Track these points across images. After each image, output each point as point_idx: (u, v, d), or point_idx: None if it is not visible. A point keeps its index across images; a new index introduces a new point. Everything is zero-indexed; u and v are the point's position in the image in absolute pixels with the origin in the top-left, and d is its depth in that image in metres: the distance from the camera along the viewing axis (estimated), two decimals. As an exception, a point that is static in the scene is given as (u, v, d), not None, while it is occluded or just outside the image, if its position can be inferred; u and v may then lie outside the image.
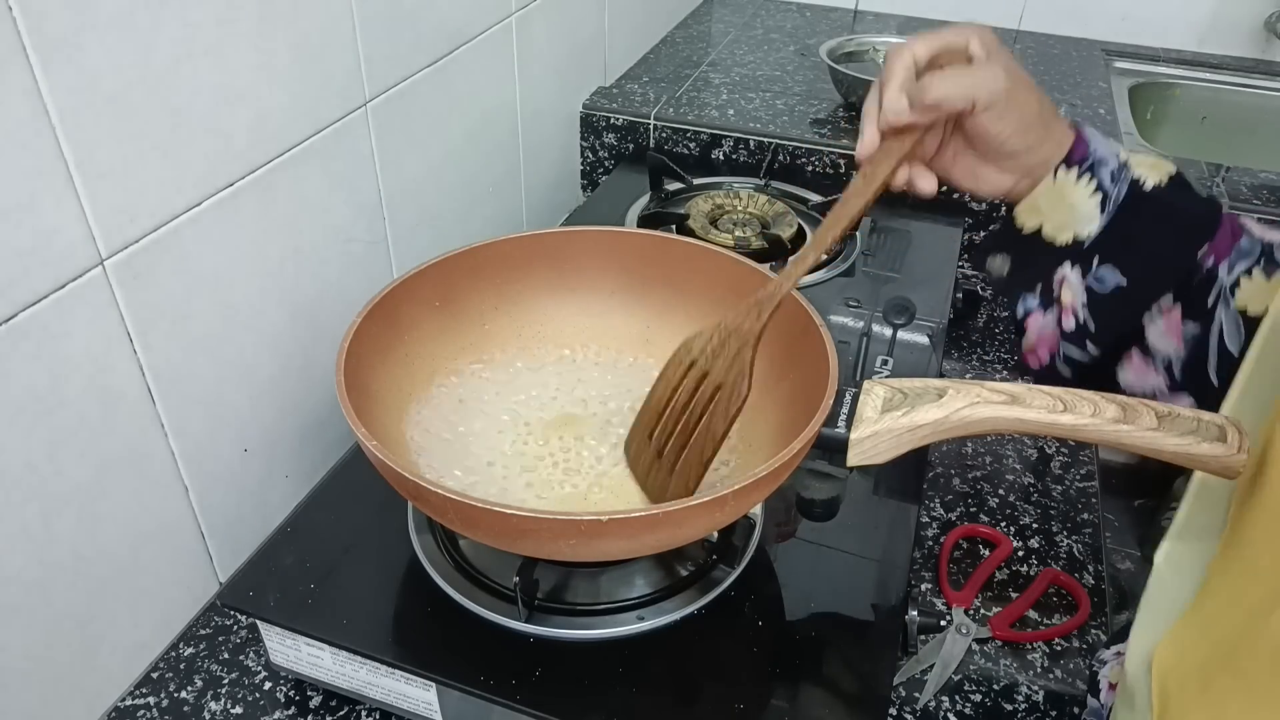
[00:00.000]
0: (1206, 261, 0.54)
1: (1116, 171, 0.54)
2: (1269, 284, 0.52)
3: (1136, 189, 0.54)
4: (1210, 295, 0.53)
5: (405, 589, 0.58)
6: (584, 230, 0.70)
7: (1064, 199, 0.54)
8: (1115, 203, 0.54)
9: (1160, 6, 1.43)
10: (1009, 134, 0.53)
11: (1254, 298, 0.52)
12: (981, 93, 0.51)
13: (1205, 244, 0.53)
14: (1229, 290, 0.53)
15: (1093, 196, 0.54)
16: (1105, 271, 0.55)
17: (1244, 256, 0.53)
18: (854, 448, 0.49)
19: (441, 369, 0.66)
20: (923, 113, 0.51)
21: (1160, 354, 0.55)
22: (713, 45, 1.38)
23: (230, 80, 0.57)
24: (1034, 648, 0.63)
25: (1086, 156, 0.54)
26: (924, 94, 0.50)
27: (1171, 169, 0.55)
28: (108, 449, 0.54)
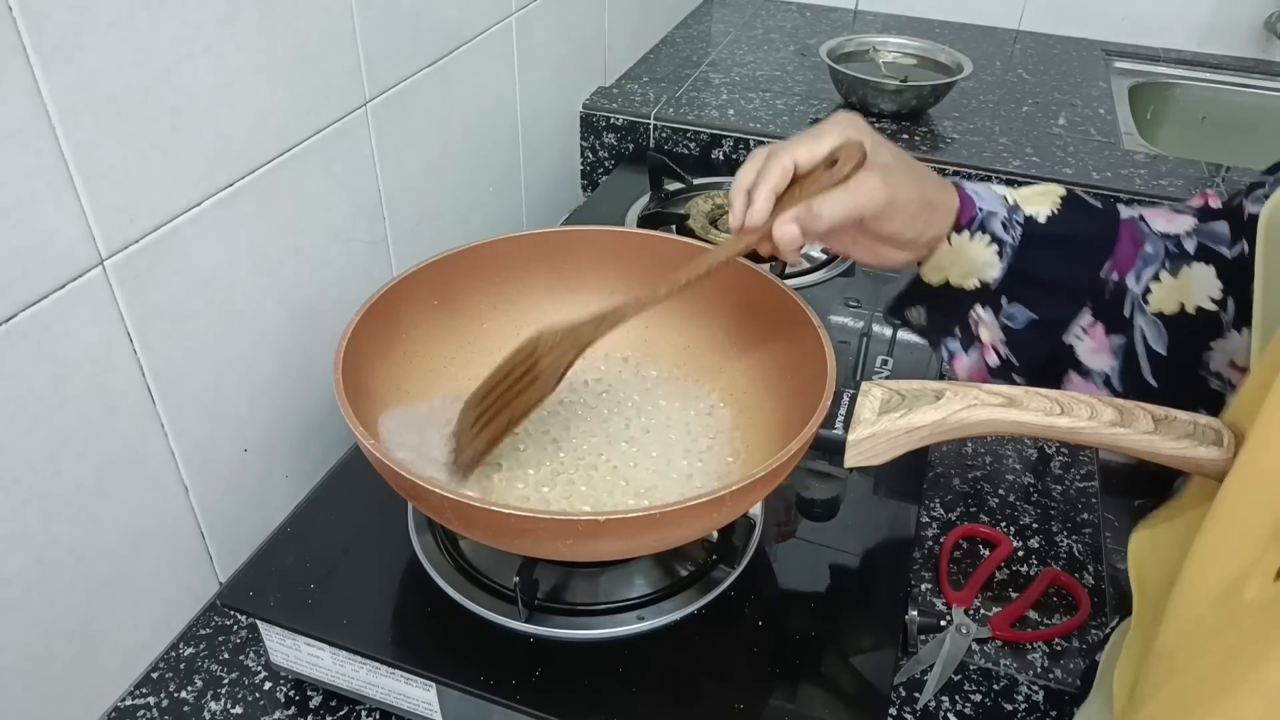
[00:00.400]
0: (1112, 277, 0.56)
1: (1008, 218, 0.56)
2: (1177, 281, 0.54)
3: (1032, 226, 0.56)
4: (1125, 307, 0.56)
5: (405, 589, 0.58)
6: (584, 230, 0.70)
7: (962, 255, 0.56)
8: (1011, 247, 0.56)
9: (1160, 6, 1.43)
10: (898, 229, 0.54)
11: (1165, 300, 0.55)
12: (866, 209, 0.52)
13: (1106, 262, 0.55)
14: (1141, 299, 0.55)
15: (989, 248, 0.56)
16: (1015, 309, 0.57)
17: (1149, 263, 0.55)
18: (851, 449, 0.49)
19: (440, 367, 0.66)
20: (813, 239, 0.53)
21: (1097, 371, 0.57)
22: (713, 45, 1.38)
23: (230, 80, 0.57)
24: (1034, 648, 0.63)
25: (975, 216, 0.56)
26: (816, 224, 0.51)
27: (1061, 192, 0.57)
28: (108, 449, 0.55)
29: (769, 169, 0.53)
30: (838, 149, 0.52)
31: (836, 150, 0.52)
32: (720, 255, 0.54)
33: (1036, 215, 0.56)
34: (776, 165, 0.53)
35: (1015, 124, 1.17)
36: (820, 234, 0.52)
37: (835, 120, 0.54)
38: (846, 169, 0.52)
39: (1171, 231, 0.56)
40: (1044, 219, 0.56)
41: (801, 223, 0.51)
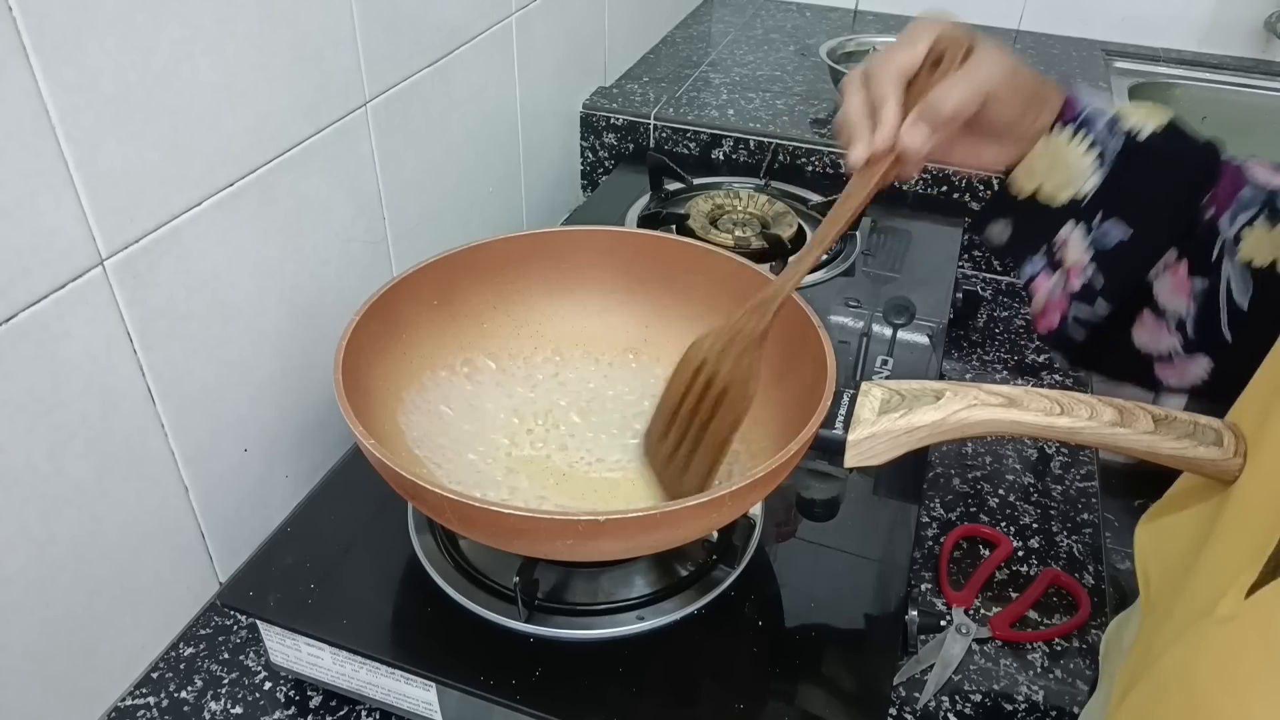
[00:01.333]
0: (1207, 213, 0.52)
1: (1109, 124, 0.53)
2: (1272, 234, 0.50)
3: (1131, 140, 0.53)
4: (1214, 249, 0.52)
5: (405, 589, 0.58)
6: (584, 230, 0.70)
7: (1059, 158, 0.54)
8: (1111, 156, 0.53)
9: (1160, 6, 1.43)
10: (1014, 116, 0.52)
11: (1258, 249, 0.51)
12: (991, 85, 0.50)
13: (1206, 193, 0.52)
14: (1232, 243, 0.51)
15: (1088, 153, 0.53)
16: (1109, 226, 0.53)
17: (1245, 207, 0.51)
18: (851, 449, 0.49)
19: (440, 366, 0.66)
20: (944, 130, 0.50)
21: (1171, 313, 0.54)
22: (713, 45, 1.38)
23: (230, 80, 0.57)
24: (1034, 648, 0.63)
25: (1078, 114, 0.53)
26: (939, 111, 0.49)
27: (1167, 115, 0.54)
28: (108, 449, 0.55)
29: (882, 87, 0.50)
30: (938, 43, 0.50)
31: (938, 45, 0.50)
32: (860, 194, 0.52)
33: (1138, 131, 0.53)
34: (889, 81, 0.50)
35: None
36: (948, 121, 0.49)
37: (923, 19, 0.51)
38: (957, 59, 0.50)
39: (1274, 185, 0.52)
40: (1145, 136, 0.53)
41: (926, 118, 0.49)
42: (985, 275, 1.06)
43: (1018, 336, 0.95)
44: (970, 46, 0.51)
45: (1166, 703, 0.35)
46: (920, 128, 0.50)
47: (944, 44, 0.51)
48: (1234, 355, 0.50)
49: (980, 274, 1.06)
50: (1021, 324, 0.97)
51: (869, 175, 0.52)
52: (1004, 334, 0.96)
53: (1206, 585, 0.36)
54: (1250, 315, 0.51)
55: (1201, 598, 0.36)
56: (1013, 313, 0.99)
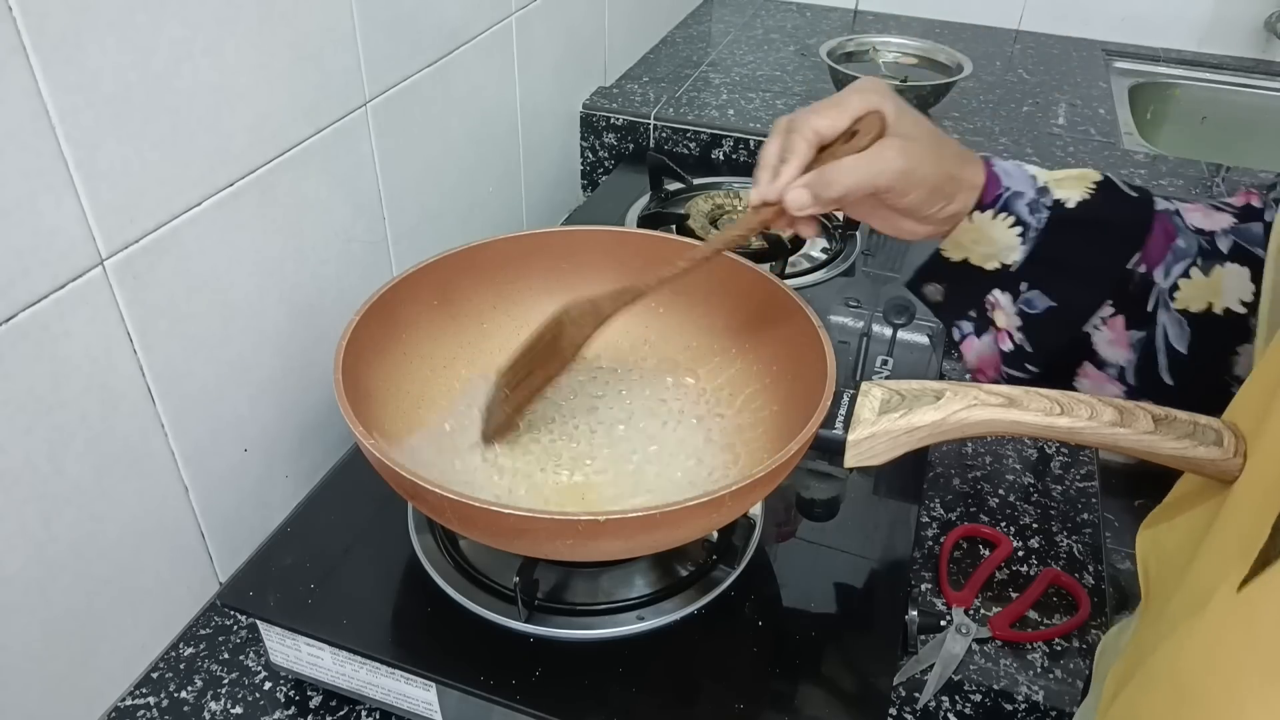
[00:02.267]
0: (1139, 269, 0.54)
1: (1034, 201, 0.54)
2: (1208, 280, 0.52)
3: (1059, 210, 0.54)
4: (1149, 301, 0.54)
5: (405, 589, 0.58)
6: (583, 230, 0.70)
7: (984, 235, 0.55)
8: (1036, 230, 0.54)
9: (1160, 6, 1.43)
10: (915, 203, 0.53)
11: (1194, 297, 0.53)
12: (881, 180, 0.51)
13: (1135, 253, 0.54)
14: (1168, 294, 0.53)
15: (1012, 229, 0.55)
16: (1034, 295, 0.55)
17: (1181, 258, 0.53)
18: (851, 449, 0.49)
19: (439, 372, 0.66)
20: (825, 206, 0.52)
21: (1112, 364, 0.56)
22: (713, 45, 1.38)
23: (230, 80, 0.57)
24: (1034, 648, 0.63)
25: (1000, 195, 0.54)
26: (827, 191, 0.51)
27: (1096, 177, 0.55)
28: (108, 449, 0.55)
29: (795, 145, 0.52)
30: (859, 120, 0.52)
31: (858, 121, 0.52)
32: (741, 229, 0.55)
33: (1066, 200, 0.54)
34: (801, 141, 0.52)
35: (1015, 124, 1.17)
36: (832, 201, 0.51)
37: (859, 87, 0.53)
38: (865, 141, 0.51)
39: (1207, 228, 0.54)
40: (1074, 204, 0.54)
41: (813, 189, 0.51)
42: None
43: (1018, 336, 0.95)
44: (882, 132, 0.52)
45: (1155, 696, 0.35)
46: (804, 192, 0.51)
47: (865, 123, 0.52)
48: (1177, 398, 0.52)
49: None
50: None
51: (755, 216, 0.54)
52: (1004, 334, 0.96)
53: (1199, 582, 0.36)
54: (1190, 359, 0.53)
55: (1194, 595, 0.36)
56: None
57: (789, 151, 0.52)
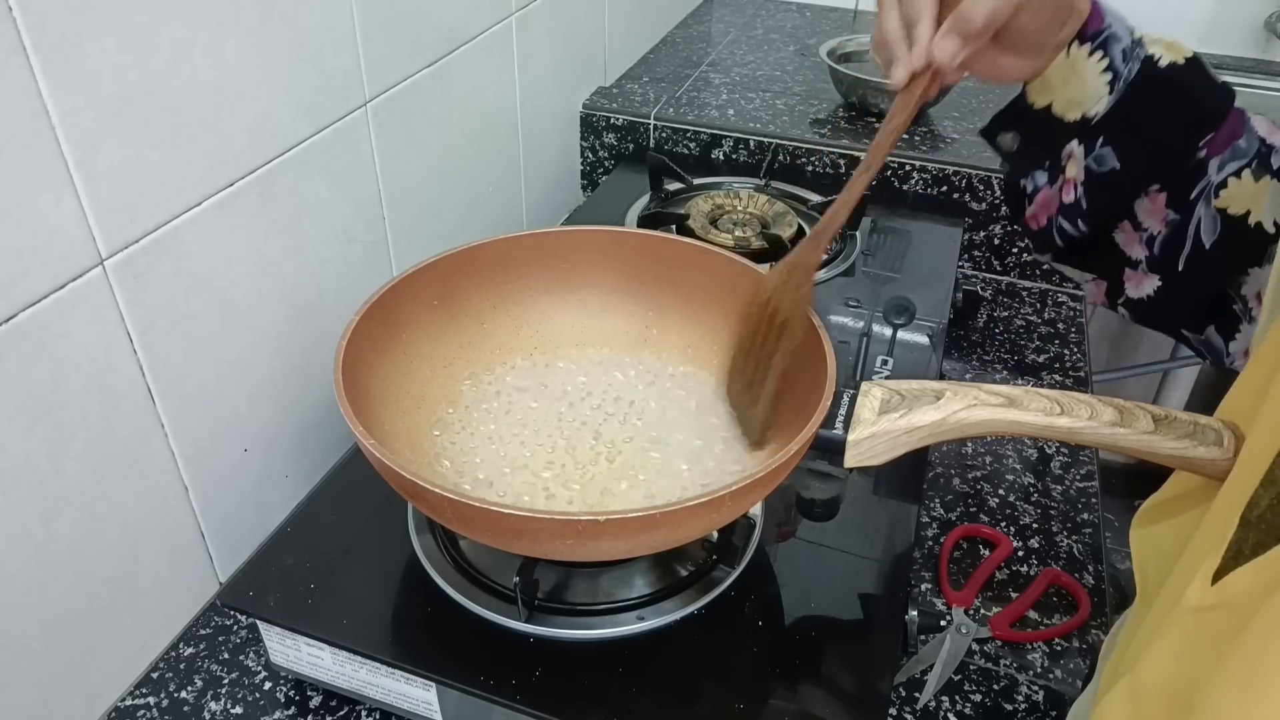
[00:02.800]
0: (1201, 153, 0.54)
1: (1129, 49, 0.54)
2: (1256, 186, 0.52)
3: (1149, 66, 0.53)
4: (1194, 189, 0.54)
5: (405, 589, 0.58)
6: (583, 230, 0.70)
7: (1075, 74, 0.54)
8: (1125, 81, 0.53)
9: (1160, 6, 1.43)
10: (1041, 24, 0.52)
11: (1237, 198, 0.52)
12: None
13: (1206, 135, 0.53)
14: (1214, 189, 0.53)
15: (1103, 74, 0.54)
16: (1105, 152, 0.55)
17: (1238, 156, 0.53)
18: (851, 449, 0.49)
19: (439, 371, 0.66)
20: (974, 43, 0.51)
21: (1145, 229, 0.56)
22: (713, 45, 1.38)
23: (230, 80, 0.57)
24: (1034, 648, 0.63)
25: (1101, 31, 0.53)
26: (971, 24, 0.49)
27: (1187, 51, 0.54)
28: (108, 449, 0.55)
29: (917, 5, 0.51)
30: None
31: None
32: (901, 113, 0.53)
33: (1159, 58, 0.53)
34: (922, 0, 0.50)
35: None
36: (980, 36, 0.50)
37: None
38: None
39: (1272, 140, 0.53)
40: (1165, 64, 0.53)
41: (958, 31, 0.50)
42: (985, 275, 1.06)
43: (1018, 336, 0.95)
44: None
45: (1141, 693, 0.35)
46: (952, 39, 0.50)
47: None
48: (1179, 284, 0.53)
49: (980, 274, 1.06)
50: (1021, 324, 0.97)
51: (910, 93, 0.53)
52: (1004, 334, 0.96)
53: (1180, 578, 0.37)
54: (1209, 254, 0.53)
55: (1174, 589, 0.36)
56: (1013, 313, 0.99)
57: (914, 14, 0.51)
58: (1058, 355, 0.93)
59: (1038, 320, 0.98)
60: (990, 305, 1.00)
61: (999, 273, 1.06)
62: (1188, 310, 0.57)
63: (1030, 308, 1.00)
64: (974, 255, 1.06)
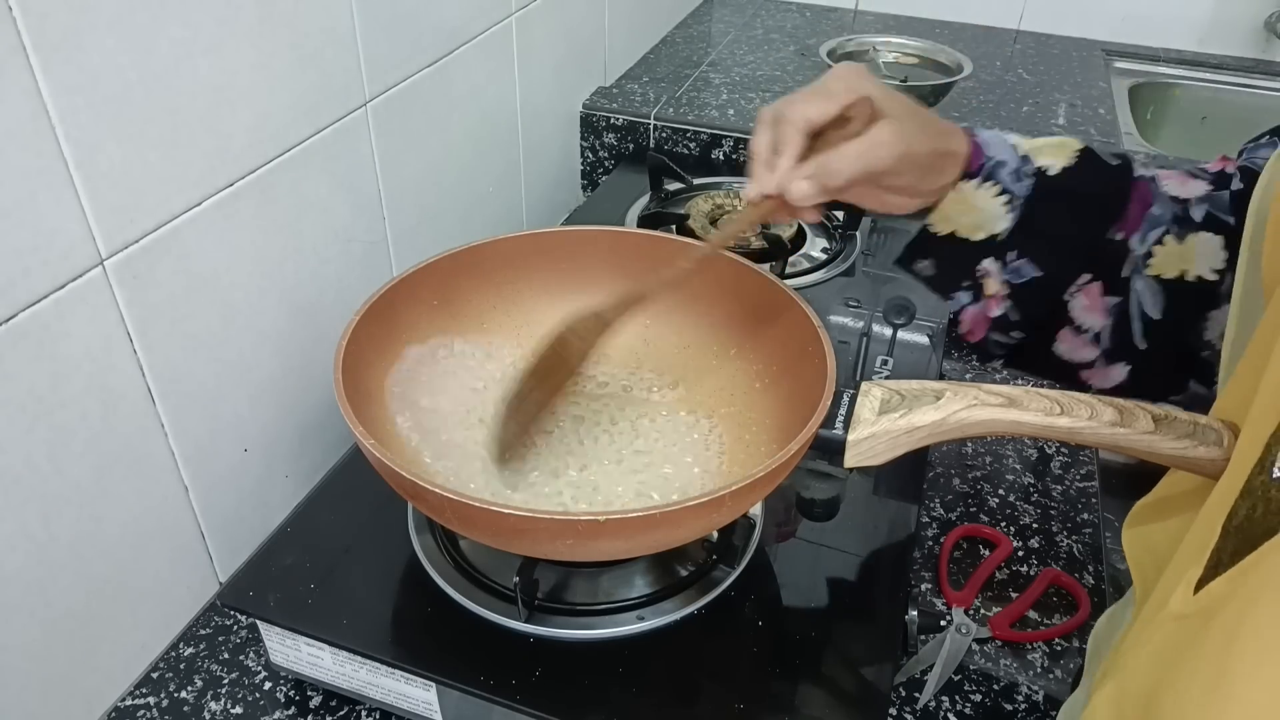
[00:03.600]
0: (1117, 236, 0.55)
1: (1018, 169, 0.55)
2: (1181, 247, 0.53)
3: (1042, 179, 0.55)
4: (1125, 268, 0.55)
5: (405, 589, 0.58)
6: (583, 230, 0.70)
7: (970, 205, 0.56)
8: (1021, 199, 0.55)
9: (1160, 6, 1.43)
10: (911, 182, 0.54)
11: (1167, 264, 0.54)
12: (882, 163, 0.51)
13: (1116, 220, 0.54)
14: (1142, 261, 0.54)
15: (997, 198, 0.55)
16: (1021, 264, 0.56)
17: (1155, 225, 0.54)
18: (851, 449, 0.49)
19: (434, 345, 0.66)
20: (829, 195, 0.52)
21: (1088, 328, 0.57)
22: (713, 45, 1.38)
23: (230, 80, 0.57)
24: (1034, 648, 0.63)
25: (983, 165, 0.55)
26: (832, 180, 0.51)
27: (1077, 145, 0.56)
28: (108, 449, 0.55)
29: (787, 137, 0.52)
30: (849, 106, 0.52)
31: (848, 107, 0.52)
32: (740, 224, 0.55)
33: (1049, 168, 0.55)
34: (794, 131, 0.52)
35: (1015, 124, 1.17)
36: (837, 189, 0.51)
37: (841, 74, 0.53)
38: (859, 126, 0.51)
39: (1182, 196, 0.55)
40: (1057, 171, 0.55)
41: (817, 179, 0.51)
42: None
43: (1018, 336, 0.95)
44: (875, 115, 0.52)
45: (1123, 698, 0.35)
46: (809, 185, 0.51)
47: (854, 108, 0.52)
48: (1149, 360, 0.54)
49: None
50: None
51: (756, 210, 0.54)
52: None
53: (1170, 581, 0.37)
54: (1163, 324, 0.54)
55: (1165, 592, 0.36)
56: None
57: (782, 143, 0.52)
58: (1058, 355, 0.92)
59: (1038, 320, 0.98)
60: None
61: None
62: (1163, 382, 0.57)
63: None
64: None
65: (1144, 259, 0.54)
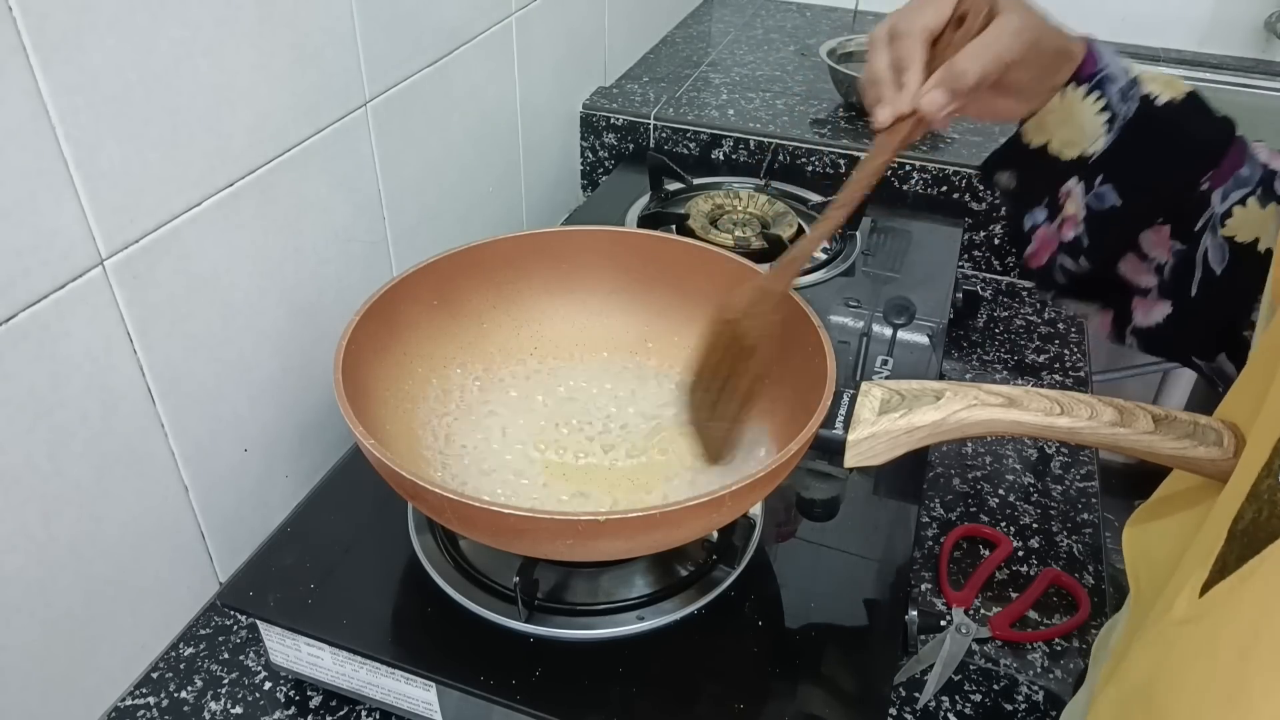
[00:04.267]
0: (1203, 185, 0.53)
1: (1126, 88, 0.54)
2: (1263, 213, 0.52)
3: (1147, 105, 0.53)
4: (1199, 221, 0.53)
5: (405, 589, 0.58)
6: (583, 230, 0.70)
7: (1071, 116, 0.54)
8: (1122, 120, 0.53)
9: (1160, 6, 1.43)
10: (1032, 78, 0.52)
11: (1244, 226, 0.52)
12: (1010, 56, 0.50)
13: (1208, 170, 0.53)
14: (1219, 219, 0.53)
15: (1100, 114, 0.54)
16: (1105, 190, 0.55)
17: (1241, 185, 0.53)
18: (851, 449, 0.49)
19: (439, 372, 0.66)
20: (962, 98, 0.51)
21: (1152, 259, 0.56)
22: (713, 45, 1.38)
23: (230, 80, 0.57)
24: (1034, 648, 0.63)
25: (1095, 73, 0.54)
26: (961, 82, 0.50)
27: (1186, 87, 0.54)
28: (108, 449, 0.55)
29: (908, 50, 0.51)
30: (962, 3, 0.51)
31: (961, 4, 0.51)
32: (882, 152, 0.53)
33: (1156, 96, 0.53)
34: (915, 43, 0.51)
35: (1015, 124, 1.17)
36: (968, 91, 0.50)
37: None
38: (977, 22, 0.50)
39: (1274, 165, 0.53)
40: (1162, 102, 0.53)
41: (947, 85, 0.50)
42: (985, 275, 1.06)
43: (1018, 336, 0.95)
44: (992, 7, 0.51)
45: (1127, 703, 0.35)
46: (941, 92, 0.50)
47: (967, 4, 0.51)
48: (1193, 310, 0.53)
49: (980, 274, 1.06)
50: (1021, 324, 0.97)
51: (893, 135, 0.52)
52: (1004, 334, 0.96)
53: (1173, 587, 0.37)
54: (1220, 281, 0.53)
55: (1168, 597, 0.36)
56: (1013, 313, 0.99)
57: (906, 59, 0.51)
58: (1058, 355, 0.93)
59: (1038, 320, 0.98)
60: (990, 305, 1.00)
61: (999, 273, 1.06)
62: (1200, 337, 0.56)
63: (1030, 308, 1.00)
64: (974, 255, 1.06)
65: (1222, 217, 0.53)
